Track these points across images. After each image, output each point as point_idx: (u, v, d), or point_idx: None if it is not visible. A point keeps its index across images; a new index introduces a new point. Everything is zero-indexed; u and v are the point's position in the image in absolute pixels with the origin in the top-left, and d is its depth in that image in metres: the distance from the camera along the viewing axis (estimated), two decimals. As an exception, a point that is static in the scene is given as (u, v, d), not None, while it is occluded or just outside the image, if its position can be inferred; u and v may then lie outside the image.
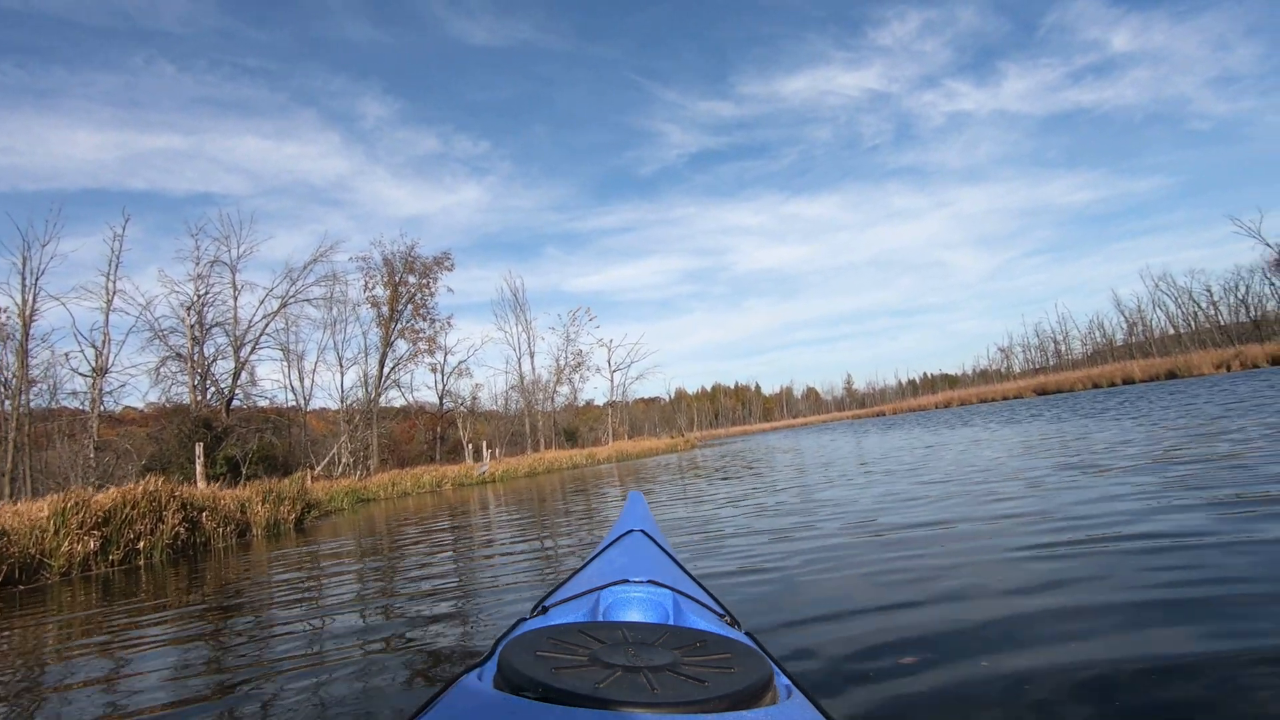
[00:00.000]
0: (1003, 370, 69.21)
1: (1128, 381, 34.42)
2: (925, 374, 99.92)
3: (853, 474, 7.43)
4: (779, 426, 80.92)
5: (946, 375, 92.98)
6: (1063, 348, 61.22)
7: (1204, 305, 46.93)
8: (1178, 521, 3.07)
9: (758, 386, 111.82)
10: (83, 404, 22.04)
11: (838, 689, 1.73)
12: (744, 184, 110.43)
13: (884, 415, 54.01)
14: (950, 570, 2.80)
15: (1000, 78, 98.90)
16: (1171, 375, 31.34)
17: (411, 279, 31.50)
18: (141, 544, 7.38)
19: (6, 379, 20.01)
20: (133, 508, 7.40)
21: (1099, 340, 57.38)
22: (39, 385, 21.18)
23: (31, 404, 20.54)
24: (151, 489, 7.77)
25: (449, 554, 5.56)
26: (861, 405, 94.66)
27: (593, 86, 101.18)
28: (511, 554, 5.04)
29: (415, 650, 2.53)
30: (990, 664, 1.78)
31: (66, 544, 6.65)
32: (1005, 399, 41.79)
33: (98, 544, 6.93)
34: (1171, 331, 48.82)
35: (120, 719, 2.19)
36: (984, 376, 72.41)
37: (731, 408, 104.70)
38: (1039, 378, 48.03)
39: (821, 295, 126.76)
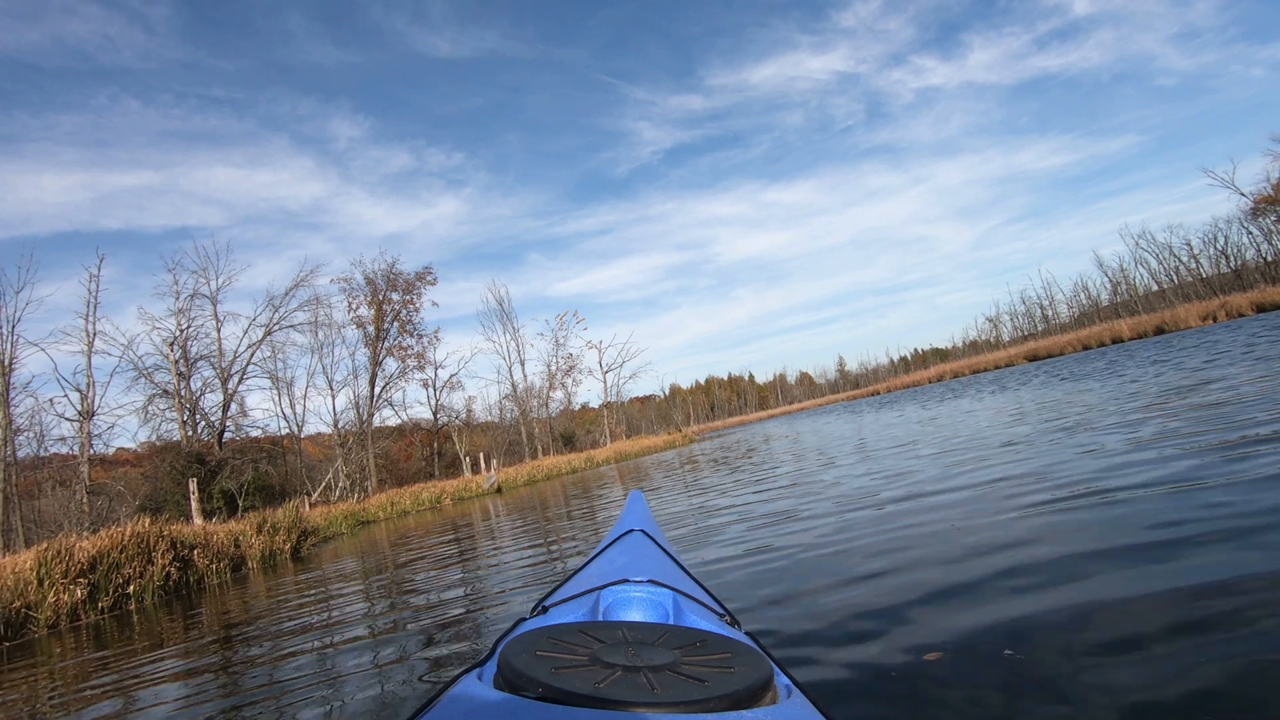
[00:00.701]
0: (992, 340, 69.40)
1: (1116, 341, 34.58)
2: (916, 350, 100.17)
3: (849, 457, 7.36)
4: (775, 414, 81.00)
5: (937, 349, 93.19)
6: (1050, 313, 61.44)
7: (1185, 259, 47.14)
8: (1167, 470, 3.12)
9: (751, 376, 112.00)
10: (72, 449, 21.77)
11: (838, 689, 1.70)
12: (720, 175, 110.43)
13: (878, 394, 54.14)
14: (953, 561, 2.67)
15: (966, 50, 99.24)
16: (1159, 331, 31.48)
17: (395, 296, 31.36)
18: (131, 588, 7.21)
19: (-10, 430, 19.69)
20: (120, 551, 7.23)
21: (1085, 303, 57.57)
22: (25, 433, 20.88)
23: (19, 453, 20.24)
24: (139, 530, 7.61)
25: (449, 567, 5.48)
26: (855, 386, 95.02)
27: (561, 91, 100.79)
28: (512, 561, 4.96)
29: (416, 660, 2.49)
30: (992, 662, 1.72)
31: (52, 594, 6.48)
32: (997, 368, 41.92)
33: (85, 592, 6.75)
34: (1155, 288, 49.07)
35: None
36: (974, 348, 72.65)
37: (727, 399, 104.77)
38: (1028, 344, 48.17)
39: (807, 279, 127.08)
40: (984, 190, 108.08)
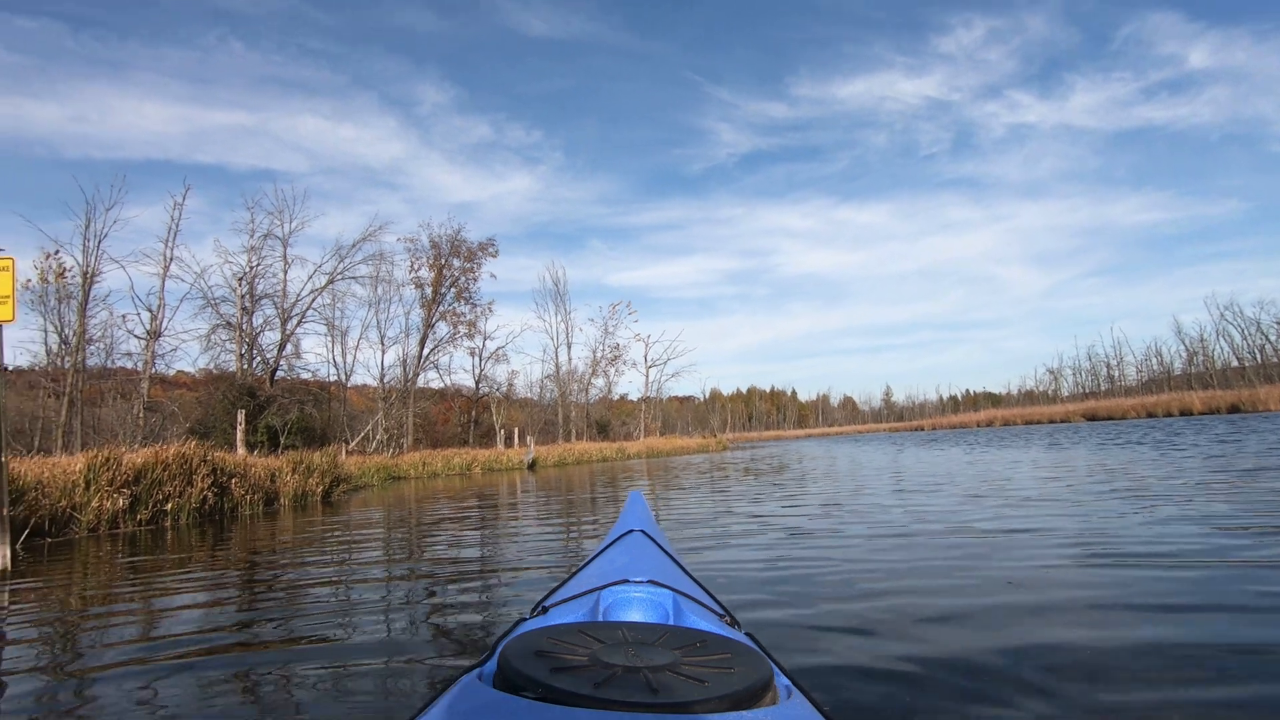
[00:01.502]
0: (1050, 392, 66.80)
1: (1185, 412, 32.88)
2: (968, 391, 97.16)
3: (881, 489, 7.11)
4: (813, 434, 79.80)
5: (990, 393, 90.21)
6: (1116, 373, 58.74)
7: (1273, 338, 44.42)
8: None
9: (794, 392, 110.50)
10: (136, 364, 22.84)
11: (838, 689, 1.75)
12: (794, 186, 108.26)
13: (922, 430, 52.70)
14: (962, 582, 2.86)
15: (1067, 90, 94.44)
16: (1234, 409, 29.77)
17: (456, 263, 31.83)
18: (170, 505, 7.48)
19: (66, 336, 20.79)
20: (164, 469, 7.51)
21: (1155, 368, 54.85)
22: (96, 344, 21.99)
23: (88, 362, 21.32)
24: (184, 451, 7.89)
25: (471, 538, 5.50)
26: (899, 418, 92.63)
27: (646, 82, 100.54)
28: (532, 544, 4.94)
29: (419, 649, 2.43)
30: (992, 665, 1.87)
31: (96, 500, 6.77)
32: (1051, 422, 40.34)
33: (127, 502, 7.04)
34: (1235, 363, 46.36)
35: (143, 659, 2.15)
36: (1030, 397, 70.00)
37: (766, 411, 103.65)
38: (1089, 403, 46.26)
39: (867, 303, 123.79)
40: (1066, 238, 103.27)
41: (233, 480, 8.53)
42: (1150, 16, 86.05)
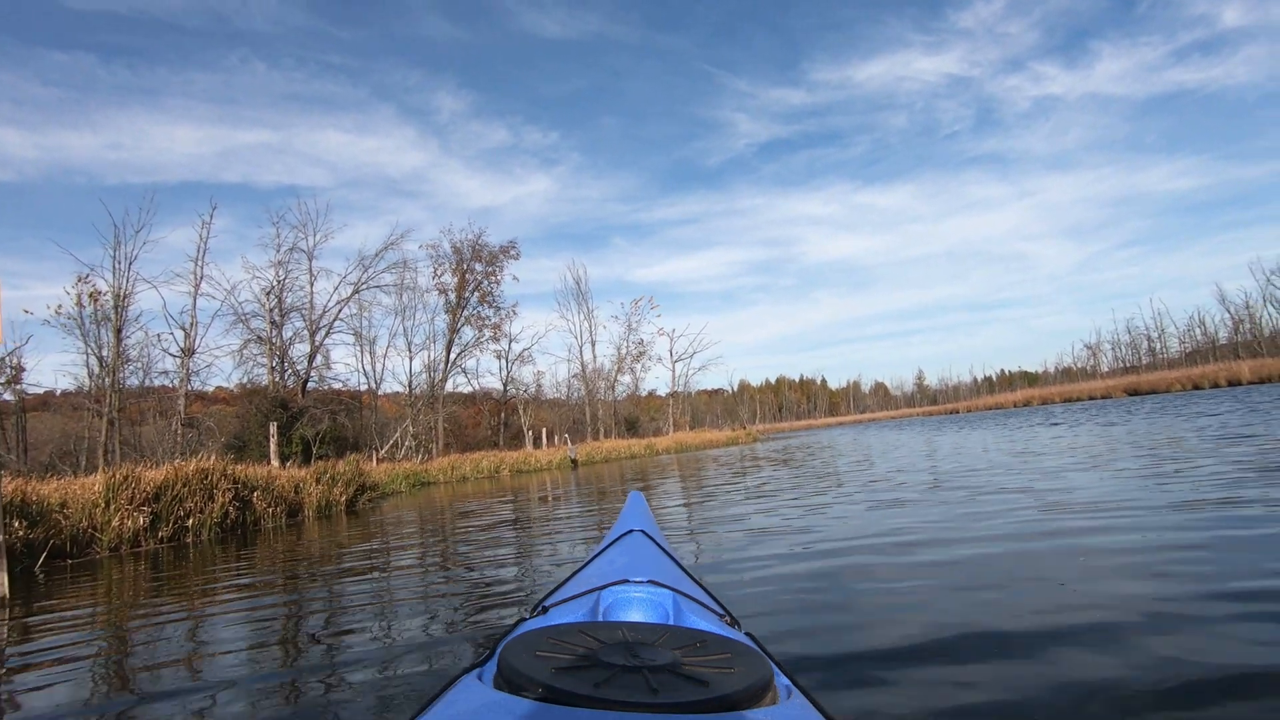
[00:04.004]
0: (1089, 368, 64.73)
1: (1233, 383, 31.48)
2: (1003, 371, 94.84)
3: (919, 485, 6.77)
4: (845, 422, 78.67)
5: (1026, 373, 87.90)
6: (1157, 345, 56.66)
7: (1327, 301, 42.34)
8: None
9: (824, 380, 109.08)
10: (173, 382, 23.33)
11: (838, 689, 1.74)
12: (814, 173, 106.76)
13: (957, 413, 51.53)
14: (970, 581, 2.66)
15: (1093, 59, 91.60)
16: (1290, 377, 28.42)
17: (479, 267, 31.98)
18: (191, 521, 7.48)
19: (104, 357, 21.29)
20: (184, 485, 7.51)
21: (1199, 338, 52.71)
22: (133, 364, 22.47)
23: (126, 382, 21.81)
24: (203, 466, 7.89)
25: (488, 541, 5.38)
26: (934, 402, 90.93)
27: (661, 77, 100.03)
28: (559, 542, 4.76)
29: (423, 655, 2.39)
30: (992, 666, 1.82)
31: (117, 519, 6.77)
32: (1092, 398, 39.04)
33: (147, 520, 7.04)
34: (1285, 329, 44.34)
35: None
36: (1068, 375, 67.99)
37: (796, 401, 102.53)
38: (1129, 377, 44.67)
39: (894, 287, 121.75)
40: (1097, 210, 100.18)
41: (254, 493, 8.52)
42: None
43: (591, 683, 0.73)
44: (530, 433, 29.99)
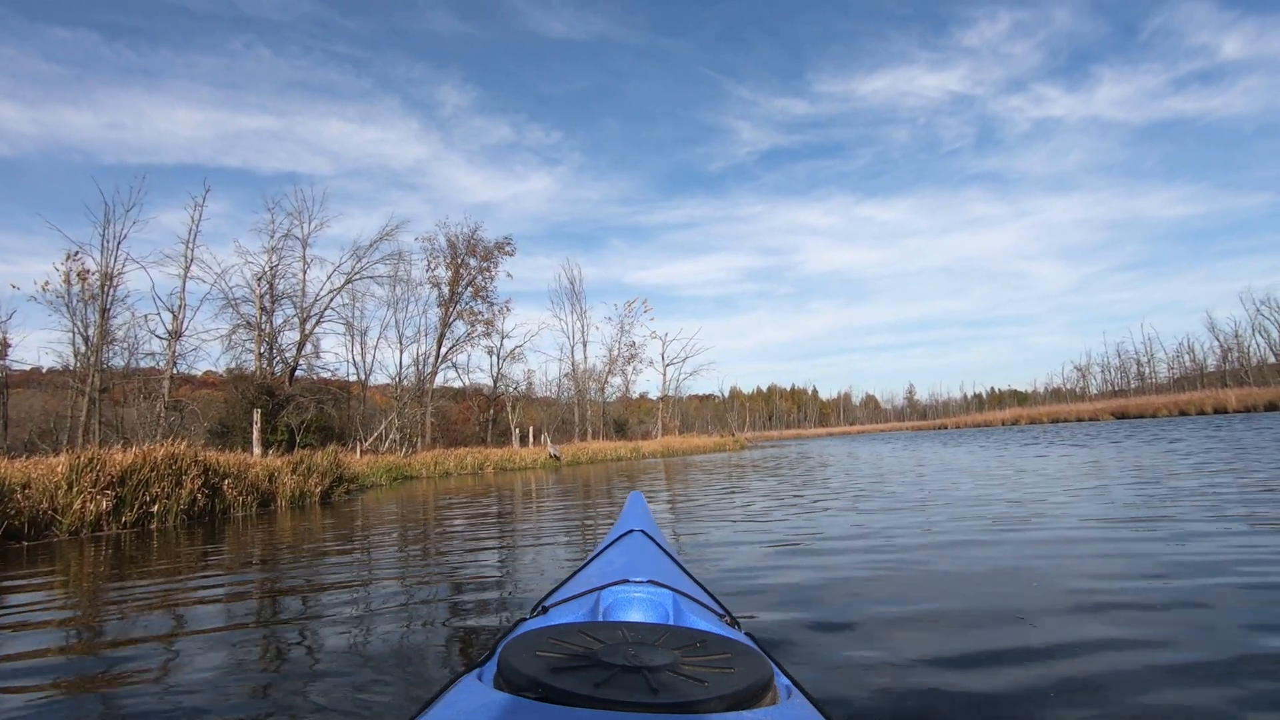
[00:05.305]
0: (1078, 390, 65.00)
1: (1219, 410, 31.69)
2: (993, 389, 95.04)
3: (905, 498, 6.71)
4: (834, 432, 78.77)
5: (1016, 391, 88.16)
6: (1146, 370, 56.94)
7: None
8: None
9: (815, 390, 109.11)
10: (158, 364, 23.09)
11: (838, 689, 1.73)
12: (815, 183, 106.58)
13: (945, 429, 51.63)
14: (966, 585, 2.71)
15: (1095, 83, 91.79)
16: (1272, 407, 28.61)
17: (473, 262, 31.87)
18: (156, 507, 7.33)
19: (89, 336, 21.06)
20: (151, 469, 7.37)
21: (1188, 365, 53.03)
22: (119, 344, 22.23)
23: (111, 362, 21.56)
24: (172, 451, 7.75)
25: (473, 537, 5.30)
26: (923, 417, 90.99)
27: (665, 81, 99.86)
28: (539, 544, 4.68)
29: (411, 655, 2.32)
30: (993, 666, 1.83)
31: (79, 501, 6.63)
32: (1079, 420, 39.18)
33: (111, 504, 6.90)
34: (1272, 360, 44.68)
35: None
36: (1057, 395, 68.25)
37: (787, 410, 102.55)
38: (1118, 400, 44.91)
39: (891, 301, 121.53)
40: (1094, 232, 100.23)
41: (225, 481, 8.38)
42: (1181, 6, 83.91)
43: (591, 683, 0.73)
44: (517, 430, 29.86)
